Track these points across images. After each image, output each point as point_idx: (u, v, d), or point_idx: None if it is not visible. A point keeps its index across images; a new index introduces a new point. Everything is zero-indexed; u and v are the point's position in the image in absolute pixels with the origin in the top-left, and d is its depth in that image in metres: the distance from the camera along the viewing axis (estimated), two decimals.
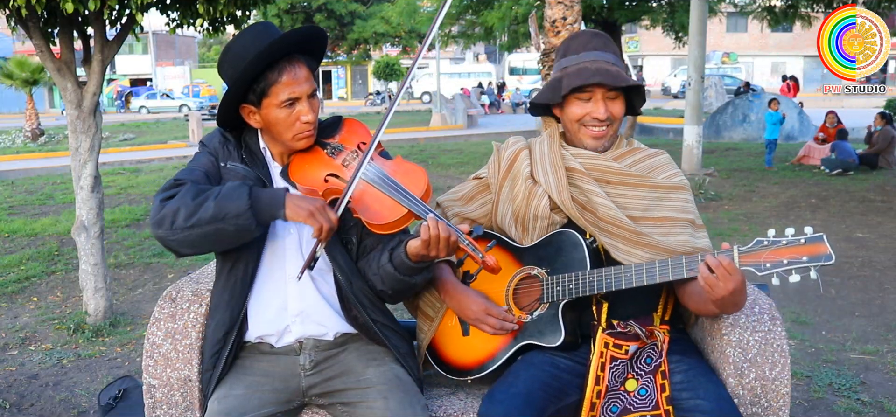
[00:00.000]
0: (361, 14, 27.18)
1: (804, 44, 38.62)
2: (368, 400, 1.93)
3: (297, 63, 1.94)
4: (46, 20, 4.40)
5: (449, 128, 22.32)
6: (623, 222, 1.98)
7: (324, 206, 1.83)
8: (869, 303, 5.15)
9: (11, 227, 7.83)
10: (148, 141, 20.22)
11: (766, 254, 1.74)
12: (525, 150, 2.16)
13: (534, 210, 2.06)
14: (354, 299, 1.98)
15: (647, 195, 2.04)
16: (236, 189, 1.81)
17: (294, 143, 1.98)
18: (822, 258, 1.71)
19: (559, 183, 2.05)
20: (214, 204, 1.78)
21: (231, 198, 1.79)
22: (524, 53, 33.25)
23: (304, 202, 1.82)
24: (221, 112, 2.00)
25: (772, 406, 2.02)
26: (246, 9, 4.84)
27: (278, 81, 1.91)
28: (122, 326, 4.74)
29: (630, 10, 14.92)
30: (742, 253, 1.77)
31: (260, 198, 1.81)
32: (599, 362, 1.91)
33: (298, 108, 1.94)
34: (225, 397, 1.94)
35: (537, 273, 2.03)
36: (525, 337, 2.04)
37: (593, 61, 2.05)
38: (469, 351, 2.13)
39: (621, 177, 2.05)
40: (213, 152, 2.03)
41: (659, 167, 2.11)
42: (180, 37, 47.83)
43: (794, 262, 1.72)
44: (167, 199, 1.83)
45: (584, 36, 2.11)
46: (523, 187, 2.09)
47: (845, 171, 11.17)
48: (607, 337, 1.93)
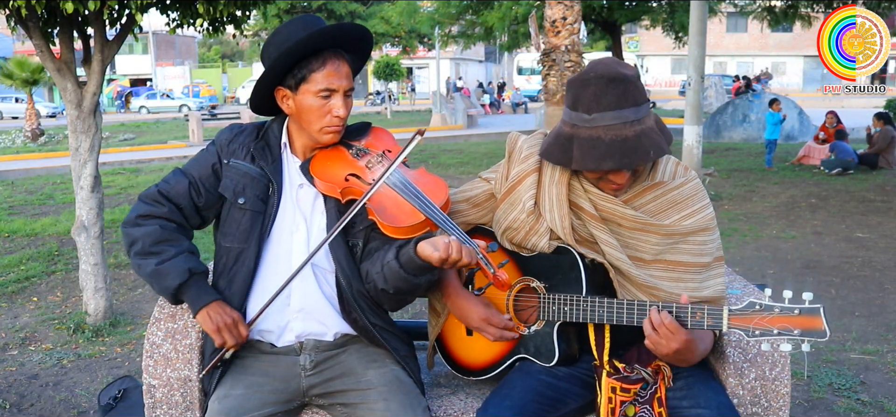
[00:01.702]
0: (361, 14, 27.17)
1: (804, 44, 38.65)
2: (369, 401, 1.93)
3: (341, 57, 1.98)
4: (46, 20, 4.40)
5: (449, 128, 22.31)
6: (629, 271, 1.89)
7: (235, 323, 1.92)
8: (869, 303, 5.15)
9: (11, 227, 7.83)
10: (148, 141, 20.21)
11: (757, 320, 1.66)
12: (533, 175, 1.98)
13: (532, 245, 1.96)
14: (354, 301, 1.98)
15: (661, 241, 1.90)
16: (177, 271, 1.94)
17: (320, 136, 2.00)
18: (815, 334, 1.63)
19: (563, 222, 1.92)
20: (154, 268, 1.94)
21: (168, 274, 1.94)
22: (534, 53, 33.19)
23: (218, 316, 1.93)
24: (256, 91, 2.03)
25: (772, 406, 2.02)
26: (246, 9, 4.84)
27: (321, 70, 1.94)
28: (122, 326, 4.73)
29: (630, 10, 14.93)
30: (732, 314, 1.69)
31: (188, 291, 1.96)
32: (609, 408, 1.87)
33: (333, 101, 1.96)
34: (225, 397, 1.94)
35: (536, 286, 1.99)
36: (522, 349, 2.02)
37: (608, 129, 1.80)
38: (471, 352, 2.13)
39: (634, 224, 1.90)
40: (217, 149, 2.06)
41: (680, 202, 1.92)
42: (180, 37, 47.84)
43: (785, 333, 1.64)
44: (144, 216, 2.00)
45: (596, 87, 1.81)
46: (526, 221, 1.96)
47: (845, 171, 11.16)
48: (614, 383, 1.87)
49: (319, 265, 1.99)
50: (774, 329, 1.65)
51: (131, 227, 2.00)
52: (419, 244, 1.82)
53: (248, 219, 1.99)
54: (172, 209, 2.01)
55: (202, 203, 2.03)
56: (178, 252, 1.96)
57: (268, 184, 2.01)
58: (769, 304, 1.66)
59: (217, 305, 1.94)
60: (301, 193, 2.03)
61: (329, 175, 1.97)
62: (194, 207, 2.03)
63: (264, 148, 2.05)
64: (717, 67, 43.83)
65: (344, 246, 1.98)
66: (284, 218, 2.00)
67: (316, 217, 2.02)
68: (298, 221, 2.00)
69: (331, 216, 1.98)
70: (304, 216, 2.01)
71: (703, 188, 2.01)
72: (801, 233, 7.38)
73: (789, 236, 7.27)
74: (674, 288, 1.89)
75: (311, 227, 2.00)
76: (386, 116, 28.68)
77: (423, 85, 45.46)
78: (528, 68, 39.32)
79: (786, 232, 7.44)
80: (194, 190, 2.02)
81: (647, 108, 1.86)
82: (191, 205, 2.03)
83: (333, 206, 1.98)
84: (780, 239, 7.18)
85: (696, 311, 1.74)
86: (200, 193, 2.03)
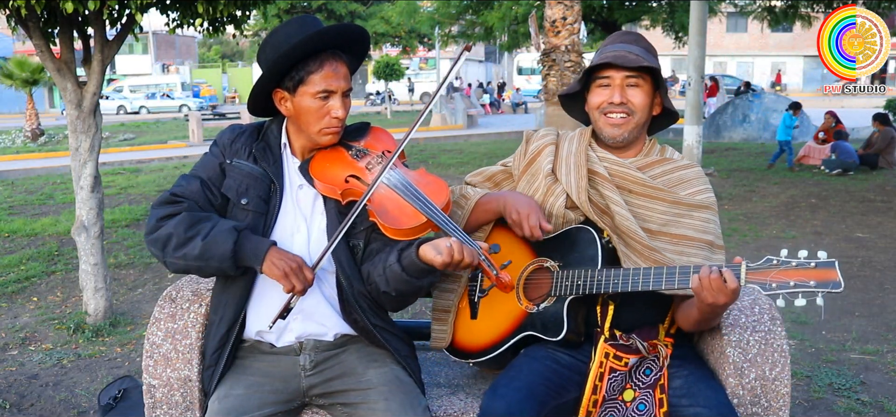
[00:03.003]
0: (361, 14, 27.15)
1: (804, 44, 38.66)
2: (370, 401, 1.93)
3: (339, 58, 1.97)
4: (46, 20, 4.40)
5: (449, 128, 22.31)
6: (637, 234, 1.96)
7: (300, 267, 1.85)
8: (869, 303, 5.15)
9: (11, 227, 7.82)
10: (148, 141, 20.20)
11: (774, 274, 1.71)
12: (551, 146, 2.15)
13: (549, 207, 2.06)
14: (354, 302, 1.98)
15: (668, 210, 2.01)
16: (224, 234, 1.86)
17: (319, 137, 2.00)
18: (830, 284, 1.67)
19: (579, 184, 2.04)
20: (202, 244, 1.85)
21: (217, 243, 1.85)
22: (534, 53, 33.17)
23: (282, 261, 1.84)
24: (254, 94, 2.02)
25: (772, 406, 2.02)
26: (246, 9, 4.84)
27: (318, 72, 1.94)
28: (122, 326, 4.73)
29: (630, 10, 14.92)
30: (750, 269, 1.74)
31: (243, 247, 1.87)
32: (599, 371, 1.90)
33: (332, 103, 1.96)
34: (225, 396, 1.94)
35: (549, 265, 2.03)
36: (528, 327, 2.03)
37: (615, 51, 2.03)
38: (475, 334, 2.14)
39: (644, 189, 2.02)
40: (221, 150, 2.05)
41: (687, 181, 2.07)
42: (180, 37, 47.84)
43: (800, 285, 1.69)
44: (165, 218, 1.90)
45: (617, 35, 2.12)
46: (543, 183, 2.09)
47: (845, 171, 11.16)
48: (609, 348, 1.91)
49: (321, 267, 1.99)
50: (791, 281, 1.69)
51: (155, 232, 1.90)
52: (421, 247, 1.83)
53: (250, 220, 1.98)
54: (191, 204, 1.95)
55: (217, 201, 2.00)
56: (214, 223, 1.90)
57: (270, 185, 2.01)
58: (786, 260, 1.72)
59: (276, 250, 1.88)
60: (301, 194, 2.03)
61: (329, 176, 1.97)
62: (211, 204, 1.99)
63: (265, 148, 2.04)
64: (717, 67, 43.81)
65: (345, 247, 1.98)
66: (285, 219, 2.00)
67: (316, 218, 2.02)
68: (299, 222, 2.01)
69: (331, 217, 1.98)
70: (304, 217, 2.01)
71: (705, 177, 2.12)
72: (801, 233, 7.38)
73: (789, 236, 7.27)
74: (678, 261, 1.93)
75: (312, 228, 2.00)
76: (386, 116, 28.68)
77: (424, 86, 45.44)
78: (528, 68, 39.30)
79: (786, 232, 7.44)
80: (207, 189, 1.99)
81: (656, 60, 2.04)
82: (207, 203, 1.98)
83: (333, 207, 1.98)
84: (780, 239, 7.18)
85: (713, 268, 1.78)
86: (213, 192, 2.00)
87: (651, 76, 2.04)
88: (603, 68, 2.04)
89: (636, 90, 2.03)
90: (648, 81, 2.04)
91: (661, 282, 1.85)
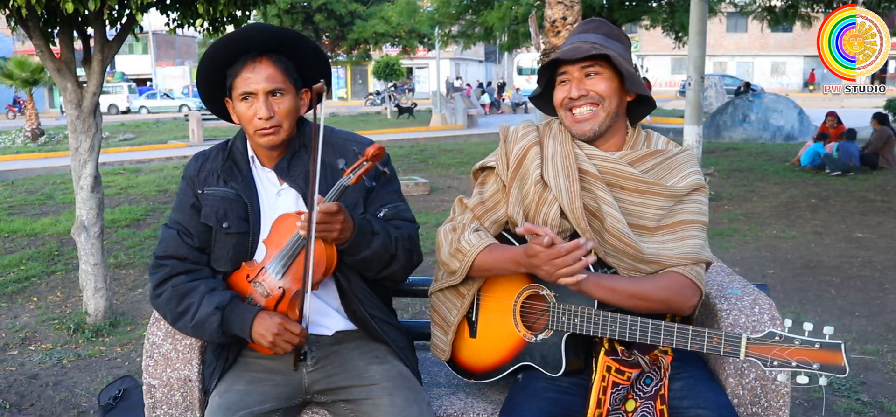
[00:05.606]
0: (361, 14, 27.14)
1: (804, 44, 38.69)
2: (374, 397, 1.93)
3: (260, 60, 1.96)
4: (46, 20, 4.40)
5: (449, 128, 22.31)
6: (629, 238, 1.88)
7: (283, 328, 1.87)
8: (869, 303, 5.15)
9: (11, 227, 7.83)
10: (148, 141, 20.21)
11: (776, 350, 1.64)
12: (535, 147, 2.02)
13: (543, 217, 1.95)
14: (353, 295, 2.01)
15: (663, 205, 1.93)
16: (209, 317, 1.93)
17: (257, 139, 2.01)
18: (835, 369, 1.60)
19: (570, 189, 1.93)
20: (192, 325, 1.96)
21: (205, 325, 1.94)
22: (534, 53, 33.14)
23: (268, 332, 1.88)
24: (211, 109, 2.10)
25: (772, 406, 2.02)
26: (246, 9, 4.85)
27: (238, 75, 1.96)
28: (122, 326, 4.74)
29: (630, 10, 14.90)
30: (750, 342, 1.67)
31: (231, 326, 1.93)
32: (602, 385, 1.86)
33: (255, 105, 1.96)
34: (226, 391, 1.95)
35: (545, 294, 1.96)
36: (527, 357, 2.00)
37: (571, 43, 1.96)
38: (474, 355, 2.12)
39: (636, 185, 1.94)
40: (188, 184, 2.07)
41: (678, 167, 1.98)
42: (180, 37, 47.82)
43: (803, 365, 1.61)
44: (158, 285, 2.01)
45: (580, 25, 2.06)
46: (533, 190, 1.98)
47: (845, 173, 11.16)
48: (610, 361, 1.86)
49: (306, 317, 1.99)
50: (793, 361, 1.63)
51: (156, 302, 2.04)
52: None
53: (234, 242, 2.00)
54: (174, 264, 2.01)
55: (197, 243, 2.03)
56: (200, 299, 1.95)
57: (245, 203, 2.01)
58: (789, 336, 1.65)
59: (259, 322, 1.90)
60: (280, 201, 2.04)
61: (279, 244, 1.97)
62: (192, 249, 2.03)
63: (232, 167, 2.05)
64: (717, 67, 43.84)
65: None
66: (268, 232, 2.00)
67: None
68: None
69: None
70: None
71: (695, 156, 2.03)
72: (801, 233, 7.38)
73: (789, 236, 7.27)
74: (677, 250, 1.89)
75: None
76: (386, 116, 28.67)
77: (423, 85, 45.44)
78: (528, 68, 39.32)
79: (786, 232, 7.44)
80: (184, 236, 2.03)
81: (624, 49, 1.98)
82: (189, 250, 2.02)
83: None
84: (780, 239, 7.18)
85: (712, 336, 1.73)
86: (191, 236, 2.03)
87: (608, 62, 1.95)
88: (560, 65, 1.98)
89: (597, 78, 1.94)
90: (609, 67, 1.95)
91: (659, 339, 1.79)
